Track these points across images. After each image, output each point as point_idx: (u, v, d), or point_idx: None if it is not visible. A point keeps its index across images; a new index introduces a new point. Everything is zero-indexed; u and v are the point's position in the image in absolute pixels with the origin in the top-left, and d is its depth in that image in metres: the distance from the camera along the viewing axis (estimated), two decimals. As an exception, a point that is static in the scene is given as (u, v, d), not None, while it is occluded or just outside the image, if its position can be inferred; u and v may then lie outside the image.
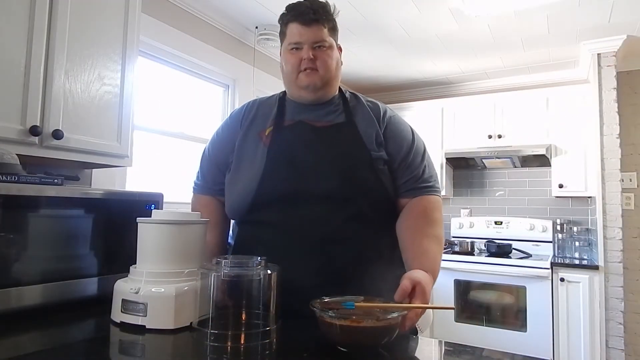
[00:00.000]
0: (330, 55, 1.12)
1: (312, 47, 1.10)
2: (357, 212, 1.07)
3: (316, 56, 1.10)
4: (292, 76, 1.13)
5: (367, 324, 0.79)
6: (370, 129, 1.14)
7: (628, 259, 3.05)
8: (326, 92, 1.15)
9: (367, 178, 1.08)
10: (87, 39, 1.52)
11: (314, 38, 1.10)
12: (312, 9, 1.09)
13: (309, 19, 1.09)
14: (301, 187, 1.06)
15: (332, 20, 1.14)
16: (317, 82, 1.11)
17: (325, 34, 1.11)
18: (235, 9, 2.61)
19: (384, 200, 1.11)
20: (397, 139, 1.16)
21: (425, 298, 0.90)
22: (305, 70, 1.11)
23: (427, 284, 0.93)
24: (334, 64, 1.13)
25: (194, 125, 2.69)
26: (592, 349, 2.76)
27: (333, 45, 1.14)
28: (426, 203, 1.12)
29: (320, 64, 1.11)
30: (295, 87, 1.15)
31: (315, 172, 1.07)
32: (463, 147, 3.55)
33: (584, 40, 2.95)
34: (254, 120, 1.18)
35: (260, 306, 0.86)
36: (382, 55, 3.32)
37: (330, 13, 1.14)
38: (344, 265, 1.04)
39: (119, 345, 0.89)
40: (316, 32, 1.10)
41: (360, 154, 1.10)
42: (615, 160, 2.86)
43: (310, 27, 1.09)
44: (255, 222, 1.11)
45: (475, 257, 3.21)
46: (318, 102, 1.16)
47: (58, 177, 1.15)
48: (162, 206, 1.30)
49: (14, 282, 0.99)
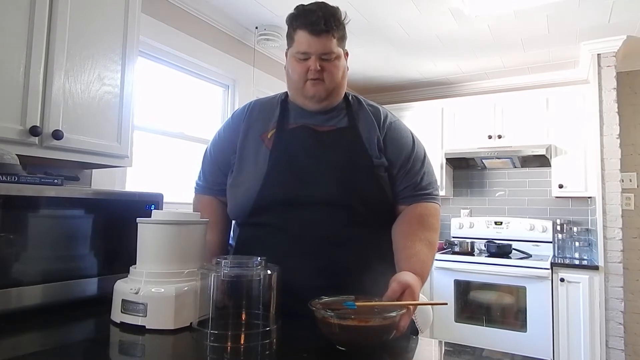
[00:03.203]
0: (337, 65, 1.11)
1: (320, 58, 1.08)
2: (357, 217, 1.07)
3: (323, 67, 1.09)
4: (298, 84, 1.12)
5: (366, 323, 0.79)
6: (372, 134, 1.14)
7: (628, 259, 3.05)
8: (331, 101, 1.15)
9: (368, 185, 1.09)
10: (87, 39, 1.53)
11: (323, 49, 1.07)
12: (324, 18, 1.06)
13: (320, 29, 1.06)
14: (302, 192, 1.06)
15: (342, 29, 1.12)
16: (322, 93, 1.11)
17: (334, 45, 1.09)
18: (235, 9, 2.61)
19: (385, 206, 1.12)
20: (396, 145, 1.15)
21: (414, 300, 0.92)
22: (312, 81, 1.09)
23: (416, 287, 0.94)
24: (340, 74, 1.12)
25: (194, 125, 2.69)
26: (592, 349, 2.76)
27: (340, 55, 1.12)
28: (423, 209, 1.13)
29: (327, 75, 1.09)
30: (301, 96, 1.14)
31: (316, 177, 1.07)
32: (463, 148, 3.55)
33: (584, 40, 2.95)
34: (256, 122, 1.18)
35: (260, 306, 0.86)
36: (382, 55, 3.32)
37: (341, 21, 1.11)
38: (344, 267, 1.05)
39: (119, 345, 0.89)
40: (325, 42, 1.07)
41: (362, 160, 1.10)
42: (615, 160, 2.86)
43: (319, 38, 1.07)
44: (257, 224, 1.12)
45: (475, 257, 3.21)
46: (322, 110, 1.15)
47: (58, 177, 1.15)
48: (162, 206, 1.30)
49: (14, 282, 0.99)
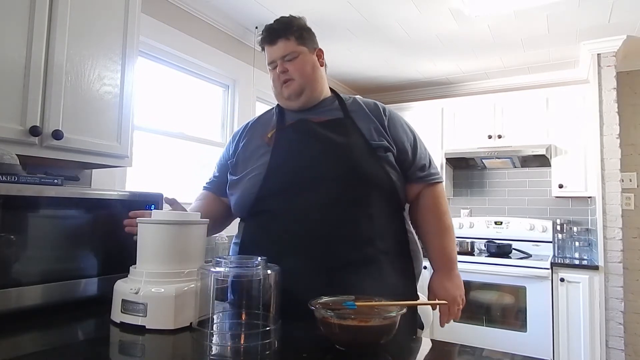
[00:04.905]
0: (302, 61, 1.22)
1: (284, 61, 1.21)
2: (359, 198, 1.12)
3: (287, 68, 1.21)
4: (277, 90, 1.26)
5: (366, 323, 0.79)
6: (368, 123, 1.20)
7: (628, 259, 3.05)
8: (309, 96, 1.23)
9: (369, 164, 1.14)
10: (87, 39, 1.52)
11: (282, 53, 1.21)
12: (274, 28, 1.22)
13: (274, 37, 1.21)
14: (305, 175, 1.12)
15: (297, 30, 1.23)
16: (297, 89, 1.21)
17: (292, 46, 1.21)
18: (235, 9, 2.61)
19: (385, 183, 1.16)
20: (402, 129, 1.25)
21: (460, 307, 1.23)
22: (284, 83, 1.22)
23: (455, 297, 1.21)
24: (308, 69, 1.22)
25: (194, 125, 2.69)
26: (592, 349, 2.76)
27: (304, 52, 1.23)
28: (437, 193, 1.25)
29: (294, 73, 1.21)
30: (282, 99, 1.26)
31: (318, 160, 1.13)
32: (463, 147, 3.55)
33: (584, 40, 2.95)
34: (256, 130, 1.27)
35: (260, 306, 0.86)
36: (382, 55, 3.32)
37: (293, 25, 1.23)
38: (347, 252, 1.08)
39: (119, 345, 0.89)
40: (282, 47, 1.21)
41: (360, 142, 1.16)
42: (615, 160, 2.86)
43: (276, 45, 1.21)
44: (261, 212, 1.15)
45: (475, 257, 3.21)
46: (306, 106, 1.24)
47: (58, 177, 1.15)
48: (162, 206, 1.30)
49: (14, 283, 0.99)
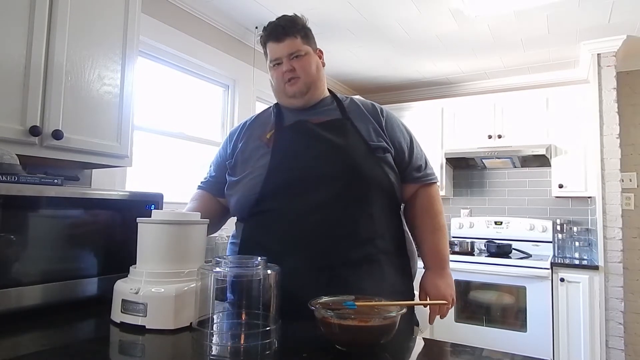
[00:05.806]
0: (308, 60, 1.23)
1: (290, 59, 1.21)
2: (360, 197, 1.13)
3: (295, 66, 1.21)
4: (279, 88, 1.25)
5: (366, 323, 0.79)
6: (366, 124, 1.22)
7: (628, 259, 3.05)
8: (313, 94, 1.24)
9: (368, 164, 1.15)
10: (87, 39, 1.53)
11: (289, 50, 1.21)
12: (281, 25, 1.22)
13: (281, 35, 1.21)
14: (306, 175, 1.12)
15: (302, 29, 1.24)
16: (302, 88, 1.22)
17: (299, 44, 1.22)
18: (235, 9, 2.61)
19: (384, 182, 1.17)
20: (399, 129, 1.27)
21: (450, 306, 1.34)
22: (289, 81, 1.21)
23: (446, 295, 1.32)
24: (313, 68, 1.24)
25: (193, 125, 2.69)
26: (592, 349, 2.76)
27: (309, 52, 1.24)
28: (432, 194, 1.28)
29: (301, 71, 1.21)
30: (284, 97, 1.25)
31: (318, 161, 1.13)
32: (463, 147, 3.55)
33: (584, 40, 2.95)
34: (254, 130, 1.27)
35: (260, 306, 0.86)
36: (382, 55, 3.32)
37: (299, 24, 1.23)
38: (347, 251, 1.09)
39: (119, 345, 0.89)
40: (289, 45, 1.21)
41: (359, 143, 1.17)
42: (615, 160, 2.86)
43: (283, 42, 1.21)
44: (261, 212, 1.15)
45: (475, 257, 3.21)
46: (308, 105, 1.25)
47: (58, 177, 1.15)
48: (162, 206, 1.30)
49: (14, 283, 0.99)
